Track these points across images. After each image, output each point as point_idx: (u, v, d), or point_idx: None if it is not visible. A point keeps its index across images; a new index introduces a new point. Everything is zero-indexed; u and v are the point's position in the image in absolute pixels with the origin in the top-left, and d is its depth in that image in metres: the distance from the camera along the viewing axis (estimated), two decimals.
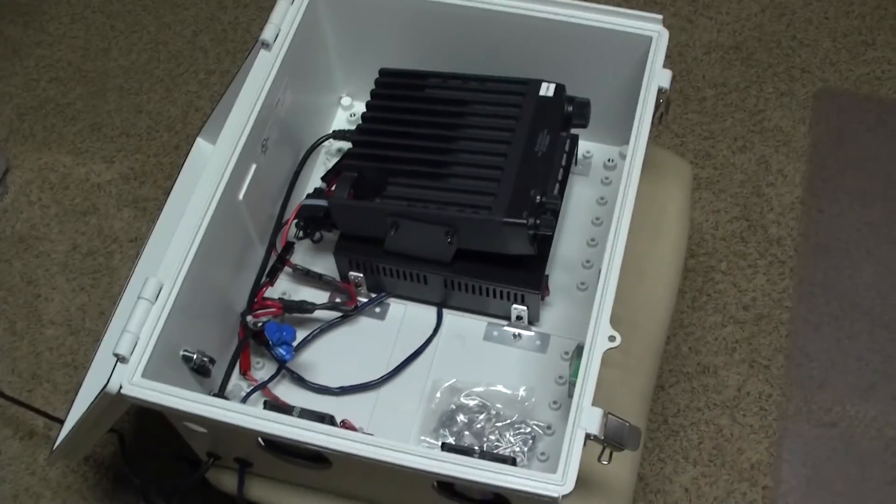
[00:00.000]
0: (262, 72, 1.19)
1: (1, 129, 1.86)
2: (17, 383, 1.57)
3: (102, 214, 1.75)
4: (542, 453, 1.12)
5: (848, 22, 1.90)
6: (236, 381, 1.20)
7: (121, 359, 1.00)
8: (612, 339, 0.98)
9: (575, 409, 0.94)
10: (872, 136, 1.75)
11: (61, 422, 1.19)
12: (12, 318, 1.64)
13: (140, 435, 1.50)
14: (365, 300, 1.23)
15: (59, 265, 1.69)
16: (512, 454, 1.11)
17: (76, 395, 1.15)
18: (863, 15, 1.91)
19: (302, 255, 1.27)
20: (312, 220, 1.22)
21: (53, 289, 1.67)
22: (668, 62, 1.16)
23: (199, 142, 1.33)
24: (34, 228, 1.74)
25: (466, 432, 1.14)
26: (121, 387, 1.00)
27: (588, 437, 0.93)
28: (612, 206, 1.07)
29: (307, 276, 1.25)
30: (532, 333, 1.21)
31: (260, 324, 1.17)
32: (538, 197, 1.12)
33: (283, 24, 1.23)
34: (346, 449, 0.94)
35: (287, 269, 1.26)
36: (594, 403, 0.95)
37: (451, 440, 1.13)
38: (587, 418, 0.94)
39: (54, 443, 1.19)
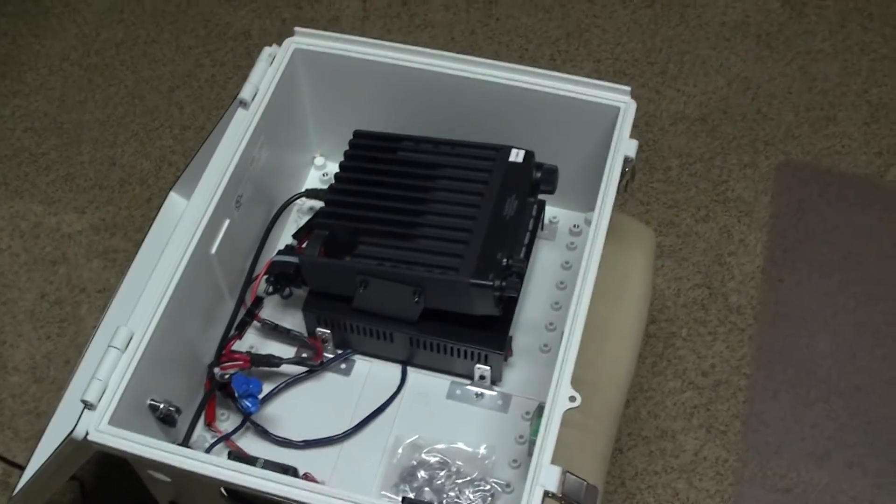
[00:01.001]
0: (239, 129, 1.22)
1: None
2: None
3: (72, 264, 1.76)
4: None
5: (810, 97, 1.96)
6: (201, 432, 1.21)
7: (88, 405, 1.01)
8: (572, 399, 1.00)
9: (534, 467, 0.96)
10: (832, 208, 1.79)
11: (22, 468, 1.19)
12: None
13: (100, 483, 1.50)
14: (331, 356, 1.25)
15: (25, 313, 1.70)
16: None
17: (39, 441, 1.15)
18: (825, 91, 1.97)
19: (271, 310, 1.29)
20: (282, 276, 1.24)
21: (19, 336, 1.68)
22: (636, 131, 1.20)
23: (172, 196, 1.35)
24: (2, 276, 1.74)
25: (427, 488, 1.15)
26: (87, 433, 1.00)
27: (546, 494, 0.95)
28: (577, 271, 1.09)
29: (275, 331, 1.27)
30: (494, 393, 1.23)
31: (227, 376, 1.18)
32: (505, 260, 1.15)
33: (261, 83, 1.26)
34: (309, 500, 0.95)
35: (255, 323, 1.27)
36: (553, 462, 0.97)
37: (411, 496, 1.14)
38: (546, 476, 0.95)
39: (13, 489, 1.19)
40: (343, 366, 1.25)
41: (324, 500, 0.96)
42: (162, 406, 1.11)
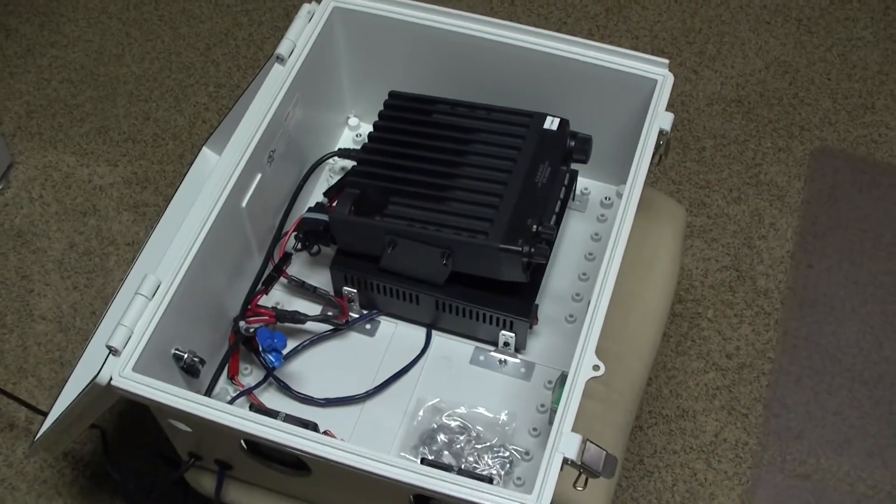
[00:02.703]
0: (274, 85, 1.22)
1: (9, 124, 1.88)
2: (2, 375, 1.59)
3: (102, 216, 1.77)
4: (519, 478, 1.14)
5: (849, 85, 1.94)
6: (223, 385, 1.21)
7: (113, 351, 1.02)
8: (596, 368, 1.00)
9: (555, 433, 0.96)
10: (865, 197, 1.78)
11: (45, 414, 1.20)
12: (3, 311, 1.65)
13: (121, 434, 1.51)
14: (356, 316, 1.25)
15: (54, 262, 1.71)
16: (489, 476, 1.13)
17: (62, 388, 1.16)
18: (864, 79, 1.95)
19: (298, 268, 1.29)
20: (312, 234, 1.24)
21: (47, 285, 1.69)
22: (671, 110, 1.19)
23: (205, 151, 1.35)
24: (33, 224, 1.75)
25: (446, 452, 1.15)
26: (111, 379, 1.01)
27: (566, 461, 0.95)
28: (606, 243, 1.09)
29: (301, 288, 1.27)
30: (518, 360, 1.23)
31: (252, 330, 1.18)
32: (534, 226, 1.14)
33: (298, 40, 1.25)
34: (329, 455, 0.96)
35: (282, 279, 1.27)
36: (574, 431, 0.97)
37: (430, 458, 1.15)
38: (566, 443, 0.95)
39: (35, 435, 1.20)
40: (368, 326, 1.25)
41: (344, 455, 0.96)
42: (186, 356, 1.11)
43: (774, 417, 1.55)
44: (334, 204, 1.23)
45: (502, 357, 1.23)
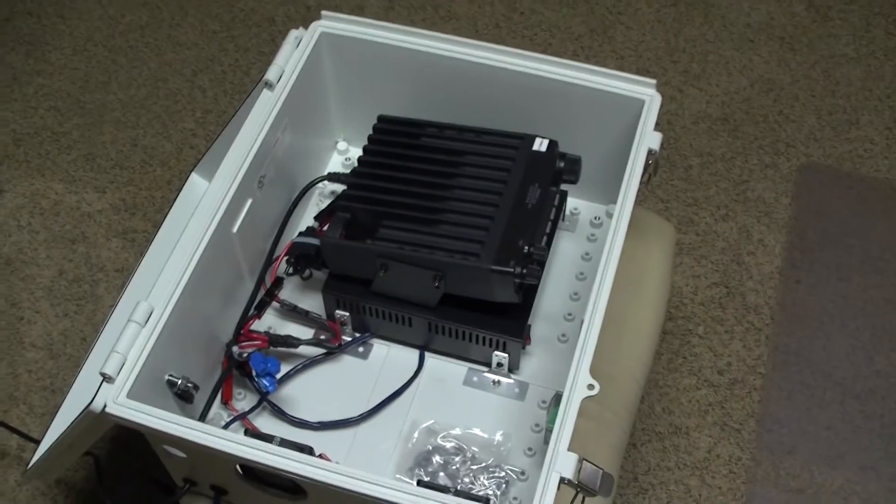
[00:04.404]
0: (263, 110, 1.22)
1: None
2: None
3: (91, 243, 1.76)
4: (515, 498, 1.14)
5: (833, 101, 1.95)
6: (217, 410, 1.21)
7: (107, 378, 1.02)
8: (591, 387, 1.00)
9: (551, 453, 0.96)
10: (852, 212, 1.79)
11: (37, 442, 1.19)
12: None
13: (114, 461, 1.50)
14: (349, 339, 1.25)
15: (44, 290, 1.71)
16: (486, 496, 1.13)
17: (54, 415, 1.16)
18: (848, 95, 1.96)
19: (290, 292, 1.29)
20: (303, 258, 1.25)
21: (37, 312, 1.68)
22: (658, 129, 1.20)
23: (193, 177, 1.35)
24: (22, 252, 1.75)
25: (441, 473, 1.15)
26: (105, 406, 1.01)
27: (562, 480, 0.95)
28: (597, 263, 1.09)
29: (294, 312, 1.27)
30: (511, 381, 1.23)
31: (245, 354, 1.18)
32: (526, 247, 1.15)
33: (287, 65, 1.26)
34: (325, 479, 0.96)
35: (275, 303, 1.28)
36: (569, 450, 0.97)
37: (426, 480, 1.15)
38: (562, 462, 0.95)
39: (28, 462, 1.20)
40: (361, 349, 1.25)
41: (340, 478, 0.96)
42: (180, 382, 1.11)
43: (767, 433, 1.55)
44: (325, 228, 1.24)
45: (496, 378, 1.23)
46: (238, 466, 1.07)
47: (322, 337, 1.25)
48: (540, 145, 1.24)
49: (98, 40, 2.06)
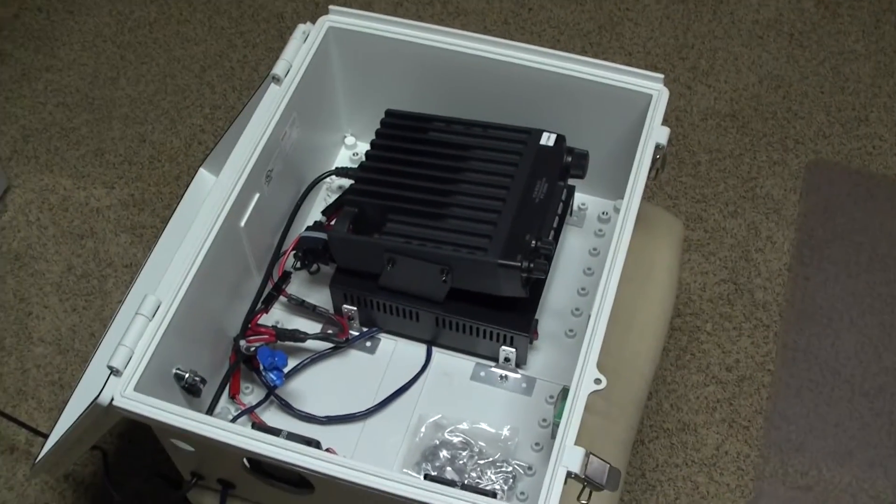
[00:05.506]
0: (271, 105, 1.22)
1: (5, 148, 1.88)
2: (1, 398, 1.58)
3: (99, 238, 1.77)
4: (522, 493, 1.14)
5: (843, 97, 1.95)
6: (224, 405, 1.21)
7: (114, 371, 1.02)
8: (597, 381, 1.00)
9: (558, 447, 0.96)
10: (861, 209, 1.78)
11: (45, 436, 1.20)
12: (2, 335, 1.65)
13: (121, 455, 1.51)
14: (356, 333, 1.25)
15: (52, 285, 1.71)
16: (493, 491, 1.13)
17: (62, 410, 1.16)
18: (857, 91, 1.96)
19: (297, 286, 1.29)
20: (310, 252, 1.24)
21: (45, 308, 1.68)
22: (666, 125, 1.19)
23: (202, 172, 1.35)
24: (30, 248, 1.75)
25: (448, 468, 1.15)
26: (112, 399, 1.01)
27: (569, 474, 0.95)
28: (604, 258, 1.09)
29: (301, 307, 1.27)
30: (518, 376, 1.23)
31: (253, 348, 1.18)
32: (533, 241, 1.15)
33: (294, 60, 1.26)
34: (332, 472, 0.96)
35: (282, 298, 1.28)
36: (576, 444, 0.97)
37: (433, 474, 1.15)
38: (569, 456, 0.95)
39: (36, 457, 1.20)
40: (368, 343, 1.25)
41: (347, 472, 0.96)
42: (187, 375, 1.11)
43: (775, 429, 1.55)
44: (332, 222, 1.24)
45: (503, 372, 1.23)
46: (245, 460, 1.07)
47: (329, 331, 1.25)
48: (547, 140, 1.24)
49: (107, 36, 2.06)
